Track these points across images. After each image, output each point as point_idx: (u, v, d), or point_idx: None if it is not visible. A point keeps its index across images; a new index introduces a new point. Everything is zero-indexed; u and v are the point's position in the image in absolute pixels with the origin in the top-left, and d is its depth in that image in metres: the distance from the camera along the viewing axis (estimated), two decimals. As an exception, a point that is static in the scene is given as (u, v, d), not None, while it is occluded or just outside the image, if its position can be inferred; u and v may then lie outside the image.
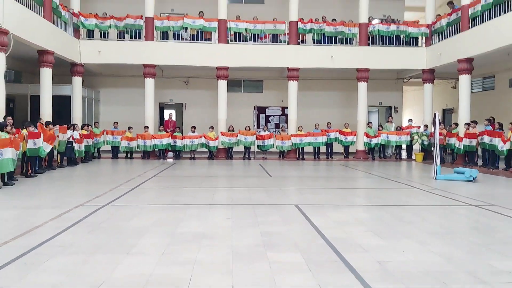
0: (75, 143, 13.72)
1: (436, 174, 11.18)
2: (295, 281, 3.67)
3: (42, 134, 10.90)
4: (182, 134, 17.44)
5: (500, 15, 13.35)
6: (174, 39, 17.55)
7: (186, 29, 17.33)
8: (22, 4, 12.51)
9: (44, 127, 11.61)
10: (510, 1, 12.96)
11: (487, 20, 13.93)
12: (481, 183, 10.57)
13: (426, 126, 17.28)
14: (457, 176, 11.00)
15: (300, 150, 17.52)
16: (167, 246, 4.73)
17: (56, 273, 3.82)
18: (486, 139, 13.48)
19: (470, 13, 14.87)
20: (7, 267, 3.95)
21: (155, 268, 3.96)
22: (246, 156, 17.40)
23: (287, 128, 18.13)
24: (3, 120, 9.96)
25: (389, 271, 3.96)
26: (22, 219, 6.04)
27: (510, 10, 12.89)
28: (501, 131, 13.15)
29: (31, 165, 10.81)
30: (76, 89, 16.81)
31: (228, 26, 17.28)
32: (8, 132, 9.28)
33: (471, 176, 10.65)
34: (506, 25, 12.85)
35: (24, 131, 10.28)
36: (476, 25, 14.58)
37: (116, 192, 8.46)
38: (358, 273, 3.86)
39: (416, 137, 17.09)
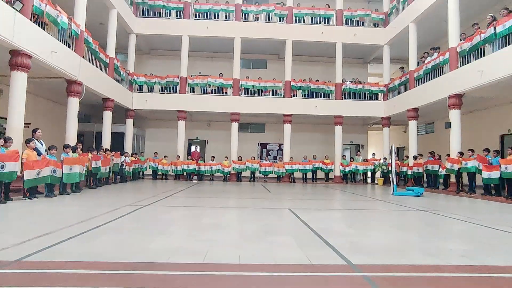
0: (125, 165, 13.71)
1: (393, 191, 11.04)
2: (288, 254, 3.56)
3: (102, 157, 10.93)
4: (204, 162, 17.41)
5: (436, 77, 13.57)
6: (201, 92, 17.87)
7: (209, 85, 17.64)
8: (93, 64, 12.87)
9: (104, 152, 11.67)
10: (443, 67, 13.20)
11: (428, 81, 14.15)
12: (427, 197, 10.40)
13: (385, 158, 17.19)
14: (409, 192, 10.84)
15: (292, 175, 17.39)
16: (190, 230, 4.64)
17: (106, 243, 3.75)
18: (429, 166, 13.39)
19: (415, 76, 15.11)
20: (71, 239, 3.88)
21: (180, 244, 3.87)
22: (252, 179, 17.27)
23: (282, 159, 18.11)
24: (75, 145, 10.03)
25: (359, 247, 3.85)
26: (84, 212, 5.98)
27: (443, 74, 13.11)
28: (440, 160, 13.08)
29: (93, 179, 10.78)
30: (129, 128, 16.95)
31: (240, 84, 17.60)
32: (78, 154, 9.32)
33: (419, 192, 10.51)
34: (441, 85, 13.02)
35: (89, 154, 10.31)
36: (419, 84, 14.79)
37: (154, 198, 8.38)
38: (335, 248, 3.75)
39: (378, 167, 16.99)
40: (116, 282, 2.63)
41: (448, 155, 12.63)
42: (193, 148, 20.60)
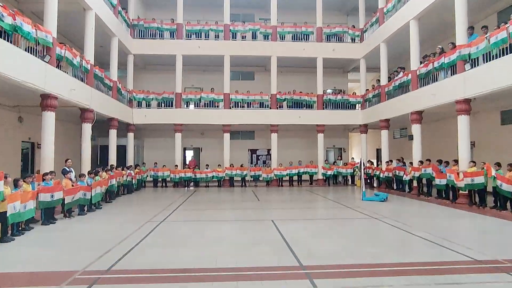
0: (131, 178, 15.99)
1: (362, 196, 13.54)
2: (265, 259, 5.98)
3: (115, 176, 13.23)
4: (200, 170, 19.70)
5: (402, 93, 16.01)
6: (195, 106, 20.12)
7: (202, 100, 19.82)
8: (100, 90, 14.99)
9: (111, 171, 13.88)
10: (409, 86, 15.62)
11: (396, 96, 16.59)
12: (389, 202, 12.80)
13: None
14: (375, 198, 13.31)
15: (280, 180, 19.85)
16: (201, 243, 7.03)
17: (153, 255, 6.12)
18: (397, 172, 15.98)
19: (386, 91, 17.57)
20: (129, 253, 6.24)
21: (198, 253, 6.25)
22: (243, 184, 19.57)
23: (270, 164, 20.50)
24: (98, 169, 12.34)
25: (312, 253, 6.30)
26: (120, 230, 8.30)
27: (408, 91, 15.56)
28: (405, 167, 15.65)
29: (109, 195, 13.07)
30: (130, 141, 19.04)
31: (230, 98, 19.85)
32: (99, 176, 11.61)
33: (383, 198, 13.03)
34: (405, 101, 15.48)
35: (104, 175, 12.57)
36: (390, 98, 17.22)
37: (165, 212, 10.69)
38: (296, 255, 6.19)
39: (356, 170, 19.49)
40: (175, 279, 5.04)
41: (411, 163, 15.17)
42: (188, 156, 22.84)
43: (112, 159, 16.31)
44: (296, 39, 20.52)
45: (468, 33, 12.11)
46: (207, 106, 19.94)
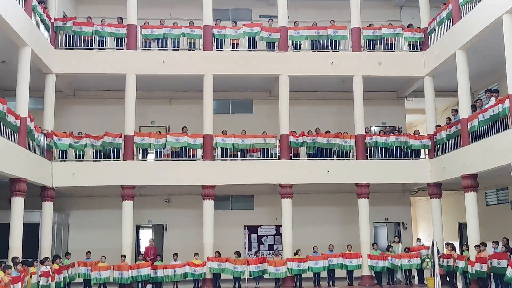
0: (48, 280, 15.14)
1: (440, 307, 12.62)
2: None
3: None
4: (163, 263, 18.81)
5: (497, 132, 15.57)
6: (156, 157, 19.67)
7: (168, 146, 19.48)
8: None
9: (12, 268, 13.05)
10: (507, 119, 15.19)
11: (487, 136, 16.12)
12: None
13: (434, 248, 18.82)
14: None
15: (298, 277, 18.88)
16: None
17: None
18: (495, 262, 15.13)
19: (468, 128, 17.11)
20: None
21: None
22: (237, 286, 18.64)
23: (281, 250, 19.66)
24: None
25: None
26: None
27: (507, 128, 15.09)
28: (510, 254, 14.81)
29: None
30: (46, 215, 18.37)
31: (215, 142, 19.48)
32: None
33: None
34: (502, 144, 14.98)
35: (5, 278, 11.76)
36: (476, 140, 16.74)
37: None
38: None
39: (426, 259, 18.59)
40: None
41: (520, 248, 14.39)
42: (144, 239, 21.99)
43: (16, 247, 15.54)
44: (319, 48, 20.60)
45: None
46: (177, 157, 19.56)
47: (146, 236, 22.38)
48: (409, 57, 20.70)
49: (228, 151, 19.82)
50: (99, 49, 19.88)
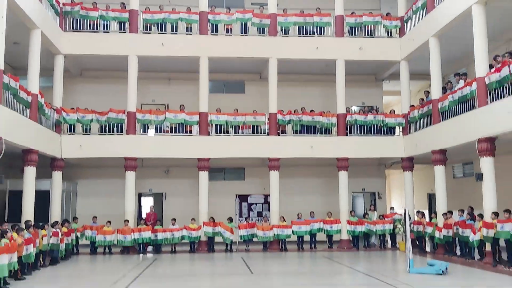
0: (58, 242, 15.57)
1: (409, 267, 13.23)
2: None
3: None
4: (163, 227, 19.32)
5: (464, 112, 16.07)
6: (156, 132, 20.02)
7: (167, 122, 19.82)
8: (12, 107, 14.77)
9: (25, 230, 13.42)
10: (474, 100, 15.66)
11: (456, 115, 16.56)
12: (451, 276, 12.50)
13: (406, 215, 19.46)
14: (429, 269, 13.02)
15: (283, 241, 19.51)
16: None
17: None
18: (460, 230, 15.78)
19: (439, 107, 17.62)
20: None
21: None
22: (229, 249, 19.21)
23: (269, 217, 20.25)
24: (4, 228, 11.91)
25: None
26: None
27: (474, 108, 15.59)
28: (472, 222, 15.45)
29: (21, 268, 12.60)
30: (56, 184, 18.73)
31: (210, 119, 19.86)
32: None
33: (440, 269, 12.72)
34: (468, 123, 15.50)
35: (19, 239, 12.16)
36: (446, 118, 17.23)
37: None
38: None
39: (398, 225, 19.25)
40: None
41: (481, 216, 14.99)
42: (145, 205, 22.46)
43: (28, 211, 15.81)
44: (305, 34, 20.82)
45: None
46: (175, 132, 19.90)
47: (147, 203, 22.80)
48: (387, 43, 21.09)
49: (222, 128, 20.19)
50: (104, 32, 20.07)
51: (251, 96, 22.80)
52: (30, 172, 16.28)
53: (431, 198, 24.29)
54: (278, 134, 20.31)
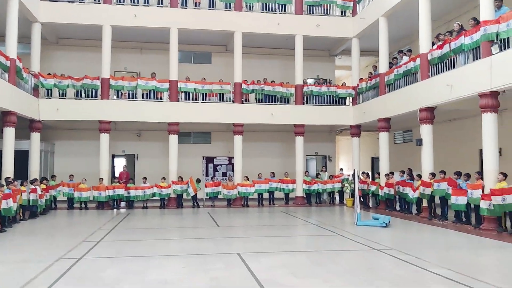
0: (37, 197, 14.98)
1: (357, 220, 13.40)
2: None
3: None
4: (135, 185, 18.94)
5: (408, 84, 16.18)
6: (128, 97, 19.37)
7: (139, 89, 19.16)
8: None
9: (5, 186, 12.81)
10: (417, 74, 15.74)
11: (400, 87, 16.71)
12: (392, 228, 12.79)
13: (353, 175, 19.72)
14: (374, 222, 13.23)
15: (245, 198, 19.49)
16: (140, 290, 6.46)
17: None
18: (401, 188, 16.07)
19: (385, 81, 17.69)
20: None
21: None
22: (195, 204, 19.11)
23: (233, 177, 20.12)
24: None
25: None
26: (16, 273, 7.50)
27: (416, 81, 15.67)
28: (411, 181, 15.75)
29: (1, 222, 12.06)
30: (34, 144, 18.04)
31: (179, 87, 19.32)
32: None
33: (384, 222, 12.94)
34: (412, 95, 15.62)
35: (-1, 193, 11.59)
36: (391, 90, 17.38)
37: (84, 245, 9.93)
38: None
39: (346, 184, 19.53)
40: None
41: (420, 176, 15.27)
42: (118, 165, 21.91)
43: (8, 170, 15.34)
44: (268, 10, 20.39)
45: (495, 5, 12.30)
46: (146, 98, 19.36)
47: (120, 163, 22.41)
48: (341, 22, 20.90)
49: (191, 95, 19.77)
50: (80, 2, 18.98)
51: (218, 66, 22.35)
52: (9, 132, 15.74)
53: (374, 161, 24.78)
54: (242, 102, 20.01)
